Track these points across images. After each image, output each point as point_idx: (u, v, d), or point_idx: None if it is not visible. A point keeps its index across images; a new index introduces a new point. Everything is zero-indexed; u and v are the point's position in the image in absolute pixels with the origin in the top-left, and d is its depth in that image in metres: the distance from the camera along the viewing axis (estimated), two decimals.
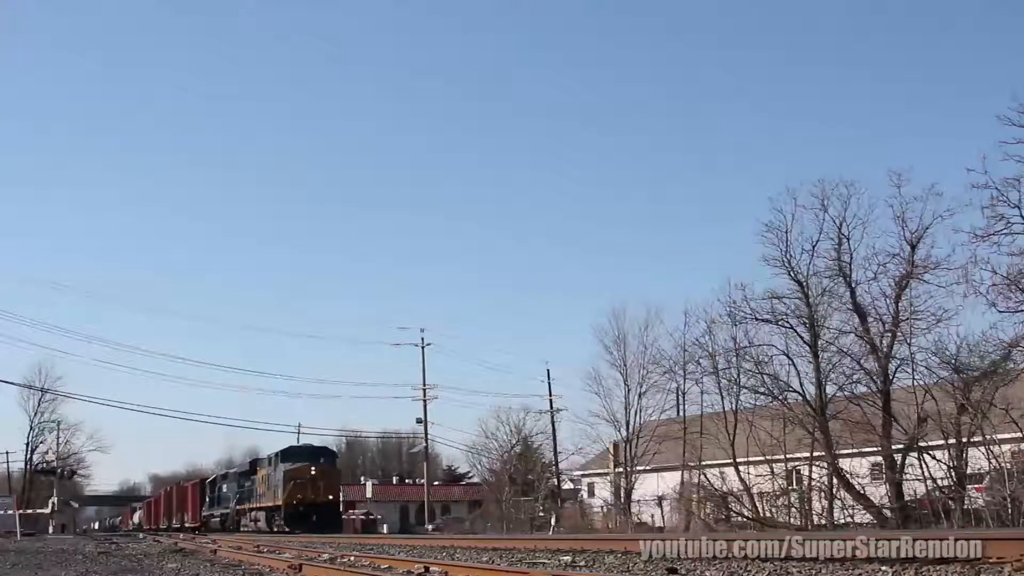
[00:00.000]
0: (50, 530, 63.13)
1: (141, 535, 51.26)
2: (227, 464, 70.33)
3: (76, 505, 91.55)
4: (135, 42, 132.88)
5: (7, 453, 79.07)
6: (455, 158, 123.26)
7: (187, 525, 55.79)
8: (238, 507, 45.01)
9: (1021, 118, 21.02)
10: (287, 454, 39.10)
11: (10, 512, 48.58)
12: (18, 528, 42.75)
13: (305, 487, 36.41)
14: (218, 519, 49.40)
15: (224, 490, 49.50)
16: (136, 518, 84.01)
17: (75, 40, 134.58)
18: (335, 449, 50.38)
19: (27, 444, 78.21)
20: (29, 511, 57.43)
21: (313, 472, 36.98)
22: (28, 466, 78.34)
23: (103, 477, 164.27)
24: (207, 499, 52.74)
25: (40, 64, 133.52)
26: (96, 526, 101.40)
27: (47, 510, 61.87)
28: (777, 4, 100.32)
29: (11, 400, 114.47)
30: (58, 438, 79.26)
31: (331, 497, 37.39)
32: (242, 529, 43.27)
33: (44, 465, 77.45)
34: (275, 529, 37.50)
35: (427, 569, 10.09)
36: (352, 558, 13.82)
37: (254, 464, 44.15)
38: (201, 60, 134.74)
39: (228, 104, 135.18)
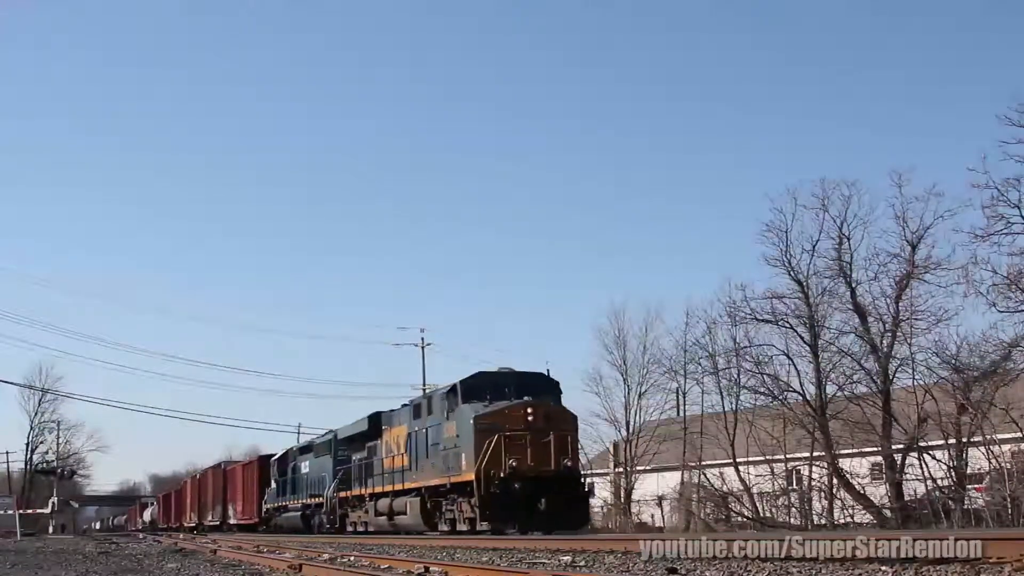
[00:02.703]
0: (50, 530, 63.16)
1: (142, 535, 49.83)
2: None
3: (76, 505, 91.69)
4: (135, 41, 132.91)
5: (7, 453, 79.46)
6: (455, 158, 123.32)
7: (234, 522, 43.25)
8: (343, 493, 28.88)
9: (1021, 118, 21.12)
10: (473, 388, 20.97)
11: (10, 512, 48.69)
12: (18, 528, 42.83)
13: (522, 446, 19.50)
14: (298, 513, 33.90)
15: (306, 470, 33.95)
16: (148, 516, 75.83)
17: (77, 39, 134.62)
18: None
19: (27, 444, 78.67)
20: (29, 511, 57.54)
21: (531, 416, 19.75)
22: (28, 466, 78.64)
23: (103, 477, 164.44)
24: (274, 484, 38.16)
25: (41, 63, 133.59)
26: (98, 526, 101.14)
27: (47, 510, 62.04)
28: (778, 4, 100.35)
29: (11, 400, 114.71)
30: (58, 438, 79.63)
31: (570, 464, 19.95)
32: (352, 529, 27.80)
33: (44, 465, 77.61)
34: (449, 527, 21.29)
35: (427, 569, 10.09)
36: (352, 558, 13.83)
37: (377, 420, 26.50)
38: (201, 59, 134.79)
39: (229, 104, 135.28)
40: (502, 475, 19.44)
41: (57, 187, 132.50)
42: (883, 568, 7.85)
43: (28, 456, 78.66)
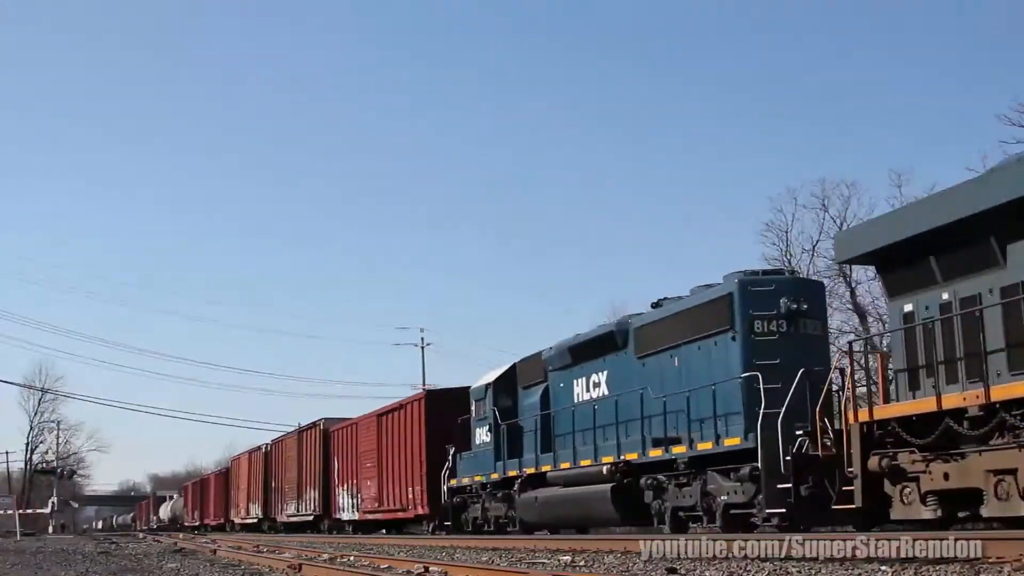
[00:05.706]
0: (50, 530, 63.18)
1: (141, 534, 48.96)
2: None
3: (76, 505, 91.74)
4: (139, 39, 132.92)
5: (7, 453, 79.37)
6: (455, 157, 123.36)
7: (355, 516, 27.19)
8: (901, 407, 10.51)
9: (1021, 118, 21.15)
10: None
11: (10, 512, 48.70)
12: (18, 528, 42.83)
13: None
14: (602, 487, 15.31)
15: (601, 391, 16.30)
16: (166, 511, 66.17)
17: (82, 37, 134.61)
18: None
19: (27, 444, 78.70)
20: (29, 511, 57.58)
21: None
22: (28, 466, 78.63)
23: (103, 477, 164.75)
24: (484, 437, 19.98)
25: (44, 62, 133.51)
26: (99, 525, 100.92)
27: (47, 510, 62.06)
28: (778, 4, 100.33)
29: (11, 400, 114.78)
30: (58, 438, 79.62)
31: None
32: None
33: (44, 465, 77.63)
34: None
35: (427, 569, 10.08)
36: (352, 558, 13.82)
37: None
38: (202, 57, 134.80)
39: (228, 102, 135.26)
40: None
41: (59, 185, 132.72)
42: (883, 568, 7.85)
43: (28, 456, 78.74)
